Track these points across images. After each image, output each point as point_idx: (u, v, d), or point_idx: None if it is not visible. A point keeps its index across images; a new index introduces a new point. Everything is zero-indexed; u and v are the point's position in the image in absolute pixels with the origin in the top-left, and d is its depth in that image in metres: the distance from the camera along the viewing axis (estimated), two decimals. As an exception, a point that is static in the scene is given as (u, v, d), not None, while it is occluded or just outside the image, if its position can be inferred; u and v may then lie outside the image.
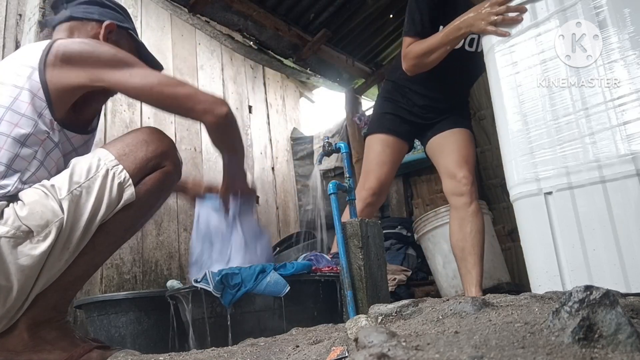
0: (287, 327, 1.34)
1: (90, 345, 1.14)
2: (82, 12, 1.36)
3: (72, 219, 1.07)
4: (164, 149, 1.22)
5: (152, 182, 1.19)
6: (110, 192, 1.11)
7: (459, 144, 2.13)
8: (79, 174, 1.11)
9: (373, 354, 0.57)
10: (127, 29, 1.42)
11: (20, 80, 1.14)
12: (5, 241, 1.01)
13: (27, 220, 1.03)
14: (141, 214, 1.21)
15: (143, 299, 1.87)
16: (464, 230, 2.00)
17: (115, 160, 1.14)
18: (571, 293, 0.62)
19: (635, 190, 1.34)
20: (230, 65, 3.82)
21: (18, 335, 1.07)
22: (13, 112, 1.11)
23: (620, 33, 1.42)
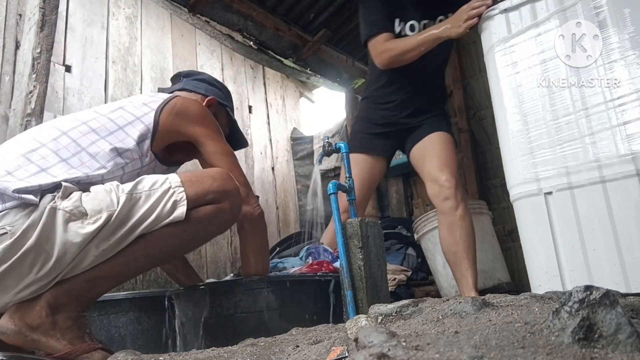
0: (287, 327, 1.34)
1: (96, 345, 1.17)
2: (192, 85, 1.67)
3: (123, 215, 1.17)
4: (227, 188, 1.34)
5: (204, 211, 1.29)
6: (164, 206, 1.22)
7: (438, 149, 2.13)
8: (144, 184, 1.25)
9: (373, 354, 0.57)
10: (225, 107, 1.70)
11: (139, 112, 1.40)
12: (61, 214, 1.13)
13: (86, 204, 1.16)
14: (184, 238, 1.29)
15: (143, 299, 1.87)
16: (454, 235, 2.00)
17: (180, 182, 1.27)
18: (571, 293, 0.62)
19: (635, 190, 1.34)
20: (230, 65, 3.82)
21: (39, 310, 1.13)
22: (123, 132, 1.35)
23: (620, 33, 1.42)
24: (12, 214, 1.11)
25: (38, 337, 1.12)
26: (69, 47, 2.69)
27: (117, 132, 1.34)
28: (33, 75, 2.02)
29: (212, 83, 1.72)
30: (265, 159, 4.04)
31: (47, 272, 1.12)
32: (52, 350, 1.13)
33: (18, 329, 1.12)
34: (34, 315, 1.13)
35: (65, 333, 1.14)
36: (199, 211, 1.28)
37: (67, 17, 2.71)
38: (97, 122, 1.35)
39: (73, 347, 1.13)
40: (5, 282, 1.11)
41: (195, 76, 1.72)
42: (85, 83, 2.74)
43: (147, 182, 1.25)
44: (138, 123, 1.37)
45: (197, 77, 1.71)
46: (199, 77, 1.72)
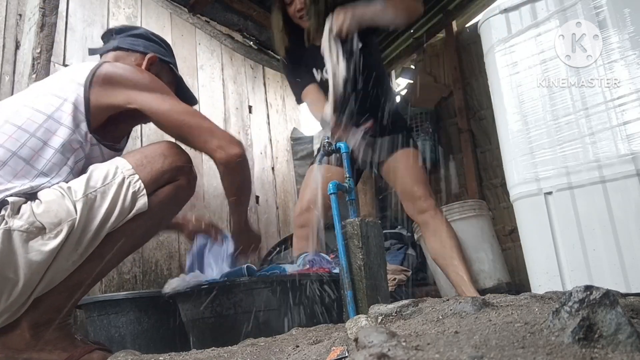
0: (287, 327, 1.34)
1: (91, 347, 1.15)
2: (128, 43, 1.48)
3: (84, 221, 1.09)
4: (180, 163, 1.26)
5: (164, 194, 1.23)
6: (124, 200, 1.14)
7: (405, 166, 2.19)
8: (96, 179, 1.15)
9: (373, 354, 0.57)
10: (168, 63, 1.53)
11: (65, 92, 1.23)
12: (17, 235, 1.04)
13: (42, 217, 1.06)
14: (151, 225, 1.24)
15: (143, 299, 1.87)
16: (440, 239, 2.07)
17: (132, 169, 1.18)
18: (571, 293, 0.62)
19: (635, 190, 1.34)
20: (230, 65, 3.82)
21: (20, 334, 1.09)
22: (53, 121, 1.19)
23: (620, 33, 1.42)
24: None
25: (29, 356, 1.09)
26: (69, 47, 2.69)
27: (47, 123, 1.18)
28: (33, 75, 2.02)
29: (150, 38, 1.53)
30: (265, 159, 4.04)
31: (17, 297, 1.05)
32: None
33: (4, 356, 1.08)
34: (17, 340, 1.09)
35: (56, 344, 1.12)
36: (158, 195, 1.21)
37: (67, 17, 2.71)
38: (21, 117, 1.18)
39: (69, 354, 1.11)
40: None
41: (130, 32, 1.52)
42: (85, 83, 2.74)
43: (97, 176, 1.15)
44: (67, 105, 1.21)
45: (132, 33, 1.52)
46: (134, 32, 1.53)
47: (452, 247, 2.04)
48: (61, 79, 1.28)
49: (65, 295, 1.13)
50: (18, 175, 1.12)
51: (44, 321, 1.11)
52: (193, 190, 1.33)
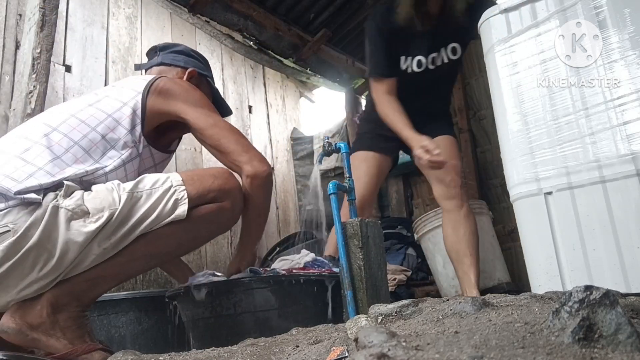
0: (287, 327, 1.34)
1: (96, 345, 1.17)
2: (171, 59, 1.64)
3: (124, 214, 1.17)
4: (228, 187, 1.33)
5: (205, 210, 1.29)
6: (165, 204, 1.22)
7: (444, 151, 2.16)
8: (145, 183, 1.25)
9: (373, 354, 0.57)
10: (205, 76, 1.68)
11: (125, 98, 1.37)
12: (64, 212, 1.13)
13: (89, 203, 1.16)
14: (185, 237, 1.29)
15: (143, 299, 1.87)
16: (457, 233, 2.04)
17: (181, 181, 1.27)
18: (571, 293, 0.62)
19: (635, 190, 1.34)
20: (230, 65, 3.82)
21: (40, 309, 1.13)
22: (112, 119, 1.32)
23: (620, 33, 1.42)
24: (15, 212, 1.10)
25: (39, 336, 1.12)
26: (69, 47, 2.69)
27: (107, 120, 1.32)
28: (33, 75, 2.02)
29: (190, 54, 1.69)
30: (265, 159, 4.04)
31: (49, 271, 1.12)
32: (53, 350, 1.13)
33: (19, 328, 1.12)
34: (35, 315, 1.13)
35: (66, 332, 1.14)
36: (200, 210, 1.27)
37: (67, 17, 2.71)
38: (85, 113, 1.31)
39: (73, 347, 1.13)
40: (7, 281, 1.11)
41: (171, 48, 1.68)
42: (85, 83, 2.74)
43: (148, 180, 1.25)
44: (126, 108, 1.35)
45: (174, 50, 1.68)
46: (175, 49, 1.68)
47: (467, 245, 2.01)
48: (123, 87, 1.43)
49: (88, 284, 1.19)
50: (77, 162, 1.24)
51: (63, 303, 1.16)
52: (236, 216, 1.40)
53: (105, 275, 1.20)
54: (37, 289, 1.13)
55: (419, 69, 2.17)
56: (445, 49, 2.19)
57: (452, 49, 2.19)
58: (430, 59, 2.18)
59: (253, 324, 1.50)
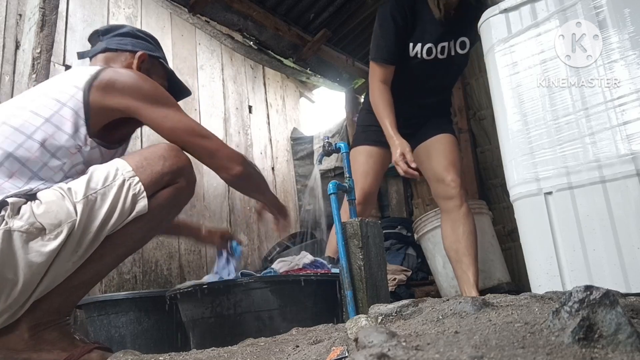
0: (287, 327, 1.34)
1: (91, 346, 1.15)
2: (116, 43, 1.46)
3: (84, 223, 1.09)
4: (180, 165, 1.26)
5: (164, 197, 1.23)
6: (124, 202, 1.14)
7: (444, 149, 2.18)
8: (96, 181, 1.15)
9: (373, 354, 0.57)
10: (157, 58, 1.52)
11: (64, 96, 1.22)
12: (17, 235, 1.03)
13: (42, 218, 1.06)
14: (150, 226, 1.24)
15: (143, 299, 1.87)
16: (456, 232, 2.03)
17: (132, 171, 1.18)
18: (571, 293, 0.62)
19: (635, 190, 1.34)
20: (230, 65, 3.82)
21: (19, 334, 1.09)
22: (51, 124, 1.19)
23: (620, 33, 1.42)
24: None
25: (29, 356, 1.09)
26: (69, 47, 2.69)
27: (44, 126, 1.18)
28: (33, 75, 2.02)
29: (137, 35, 1.52)
30: (265, 159, 4.04)
31: (17, 298, 1.05)
32: None
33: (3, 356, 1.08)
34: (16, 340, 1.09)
35: (55, 343, 1.12)
36: (158, 198, 1.21)
37: (67, 17, 2.71)
38: (19, 119, 1.18)
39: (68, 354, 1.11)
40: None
41: (115, 31, 1.50)
42: (85, 83, 2.74)
43: (98, 177, 1.15)
44: (66, 110, 1.21)
45: (119, 32, 1.50)
46: (120, 31, 1.51)
47: (466, 245, 2.00)
48: (60, 83, 1.27)
49: (64, 296, 1.14)
50: (13, 176, 1.12)
51: (44, 322, 1.11)
52: (192, 192, 1.33)
53: (79, 283, 1.15)
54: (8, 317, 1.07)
55: (429, 56, 2.15)
56: (455, 41, 2.17)
57: (461, 43, 2.17)
58: (439, 48, 2.15)
59: (253, 324, 1.50)
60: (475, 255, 2.01)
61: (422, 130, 2.27)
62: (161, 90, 1.34)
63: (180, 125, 1.31)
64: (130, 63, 1.44)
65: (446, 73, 2.22)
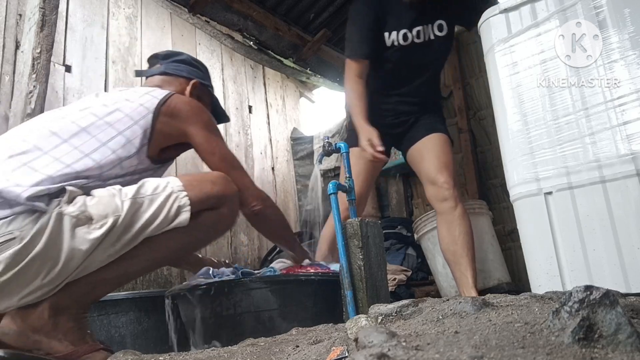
0: (287, 327, 1.34)
1: (97, 346, 1.18)
2: (173, 68, 1.62)
3: (128, 220, 1.17)
4: (227, 193, 1.35)
5: (206, 217, 1.30)
6: (168, 211, 1.23)
7: (437, 150, 2.15)
8: (147, 188, 1.24)
9: (373, 354, 0.57)
10: (207, 86, 1.69)
11: (136, 115, 1.36)
12: (68, 219, 1.12)
13: (92, 209, 1.15)
14: (186, 242, 1.31)
15: (143, 299, 1.87)
16: (452, 234, 2.02)
17: (181, 186, 1.27)
18: (571, 293, 0.62)
19: (635, 190, 1.34)
20: (230, 65, 3.82)
21: (40, 312, 1.14)
22: (123, 137, 1.32)
23: (620, 33, 1.42)
24: (21, 219, 1.10)
25: (40, 338, 1.12)
26: (69, 47, 2.69)
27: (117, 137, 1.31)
28: (33, 75, 2.02)
29: (192, 63, 1.68)
30: (265, 159, 4.04)
31: (53, 278, 1.12)
32: (54, 351, 1.13)
33: (20, 330, 1.12)
34: (36, 317, 1.13)
35: (67, 334, 1.15)
36: (200, 217, 1.28)
37: (67, 17, 2.71)
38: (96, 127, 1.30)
39: (74, 348, 1.13)
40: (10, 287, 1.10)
41: (174, 57, 1.66)
42: (85, 83, 2.74)
43: (149, 186, 1.25)
44: (137, 128, 1.34)
45: (177, 59, 1.66)
46: (178, 58, 1.67)
47: (464, 246, 1.98)
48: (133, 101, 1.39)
49: (89, 287, 1.19)
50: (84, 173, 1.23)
51: (64, 306, 1.16)
52: (233, 222, 1.42)
53: (106, 278, 1.20)
54: (40, 295, 1.13)
55: (405, 42, 2.13)
56: (431, 25, 2.16)
57: (438, 25, 2.16)
58: (415, 32, 2.14)
59: (253, 324, 1.50)
60: (473, 256, 2.00)
61: (413, 130, 2.24)
62: (214, 122, 1.51)
63: (226, 156, 1.48)
64: (184, 88, 1.59)
65: (426, 57, 2.18)
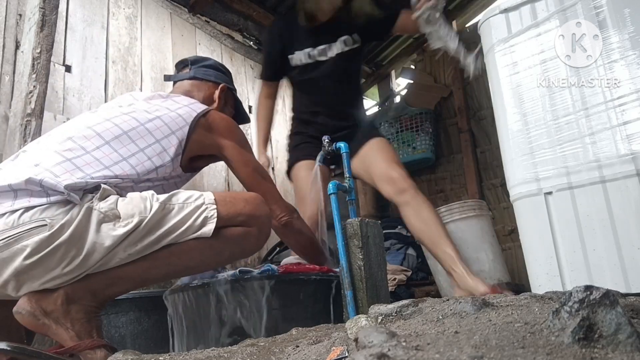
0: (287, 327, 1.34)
1: (101, 342, 1.18)
2: (202, 73, 1.70)
3: (153, 222, 1.20)
4: (258, 213, 1.36)
5: (232, 232, 1.32)
6: (195, 220, 1.25)
7: (382, 151, 2.19)
8: (179, 197, 1.28)
9: (373, 354, 0.57)
10: (232, 90, 1.76)
11: (174, 126, 1.42)
12: (96, 214, 1.17)
13: (121, 207, 1.19)
14: (208, 254, 1.31)
15: (143, 299, 1.87)
16: (421, 217, 2.00)
17: (213, 200, 1.30)
18: (571, 293, 0.62)
19: (635, 190, 1.34)
20: (230, 65, 3.82)
21: (55, 297, 1.16)
22: (160, 146, 1.38)
23: (620, 33, 1.42)
24: (54, 208, 1.14)
25: (49, 323, 1.15)
26: (69, 47, 2.69)
27: (154, 145, 1.36)
28: (33, 75, 2.02)
29: (219, 68, 1.76)
30: (265, 159, 4.04)
31: (73, 269, 1.15)
32: (59, 339, 1.16)
33: (32, 311, 1.15)
34: (50, 301, 1.16)
35: (75, 324, 1.17)
36: (227, 231, 1.30)
37: (67, 17, 2.71)
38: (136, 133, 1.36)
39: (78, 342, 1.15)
40: (34, 272, 1.14)
41: (202, 62, 1.74)
42: (85, 83, 2.74)
43: (182, 195, 1.29)
44: (174, 138, 1.40)
45: (205, 64, 1.73)
46: (205, 63, 1.74)
47: (436, 226, 1.98)
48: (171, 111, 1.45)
49: (105, 283, 1.21)
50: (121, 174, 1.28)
51: (78, 296, 1.18)
52: (261, 243, 1.41)
53: (124, 277, 1.22)
54: (59, 283, 1.16)
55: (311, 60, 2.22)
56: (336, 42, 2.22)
57: (344, 41, 2.22)
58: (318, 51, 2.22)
59: (253, 323, 1.50)
60: (447, 233, 1.99)
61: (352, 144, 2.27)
62: (246, 138, 1.58)
63: (256, 169, 1.56)
64: (212, 92, 1.67)
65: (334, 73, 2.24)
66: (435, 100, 4.01)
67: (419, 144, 3.86)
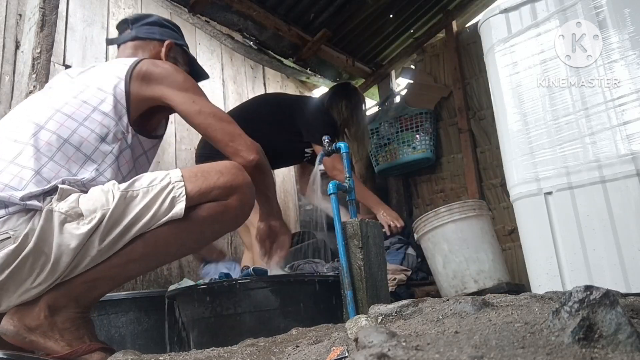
0: (287, 327, 1.34)
1: (95, 346, 1.16)
2: (145, 32, 1.58)
3: (117, 214, 1.14)
4: (235, 183, 1.25)
5: (207, 209, 1.22)
6: (161, 203, 1.16)
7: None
8: (142, 181, 1.20)
9: (373, 354, 0.57)
10: (181, 46, 1.64)
11: (108, 86, 1.32)
12: (57, 215, 1.11)
13: (82, 205, 1.13)
14: (186, 237, 1.23)
15: (143, 299, 1.87)
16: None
17: (181, 177, 1.21)
18: (571, 293, 0.62)
19: (635, 190, 1.34)
20: (230, 65, 3.82)
21: (37, 312, 1.12)
22: (99, 112, 1.28)
23: (620, 33, 1.42)
24: (15, 219, 1.09)
25: (36, 339, 1.12)
26: (69, 47, 2.68)
27: (94, 113, 1.27)
28: (33, 75, 2.02)
29: (163, 24, 1.63)
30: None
31: (46, 276, 1.10)
32: (51, 352, 1.12)
33: (17, 330, 1.11)
34: (33, 317, 1.12)
35: (64, 334, 1.13)
36: (202, 209, 1.21)
37: (67, 17, 2.70)
38: (70, 107, 1.27)
39: (71, 349, 1.12)
40: (7, 286, 1.10)
41: (144, 20, 1.61)
42: (85, 83, 2.74)
43: (145, 179, 1.20)
44: (110, 98, 1.30)
45: (147, 21, 1.60)
46: (148, 20, 1.61)
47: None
48: (104, 73, 1.37)
49: (86, 286, 1.16)
50: (69, 160, 1.21)
51: (60, 305, 1.14)
52: (244, 214, 1.31)
53: (102, 277, 1.17)
54: (36, 293, 1.12)
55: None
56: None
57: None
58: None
59: (253, 324, 1.50)
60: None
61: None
62: (190, 80, 1.43)
63: (206, 109, 1.40)
64: (158, 51, 1.55)
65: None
66: (435, 100, 4.01)
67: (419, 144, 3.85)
